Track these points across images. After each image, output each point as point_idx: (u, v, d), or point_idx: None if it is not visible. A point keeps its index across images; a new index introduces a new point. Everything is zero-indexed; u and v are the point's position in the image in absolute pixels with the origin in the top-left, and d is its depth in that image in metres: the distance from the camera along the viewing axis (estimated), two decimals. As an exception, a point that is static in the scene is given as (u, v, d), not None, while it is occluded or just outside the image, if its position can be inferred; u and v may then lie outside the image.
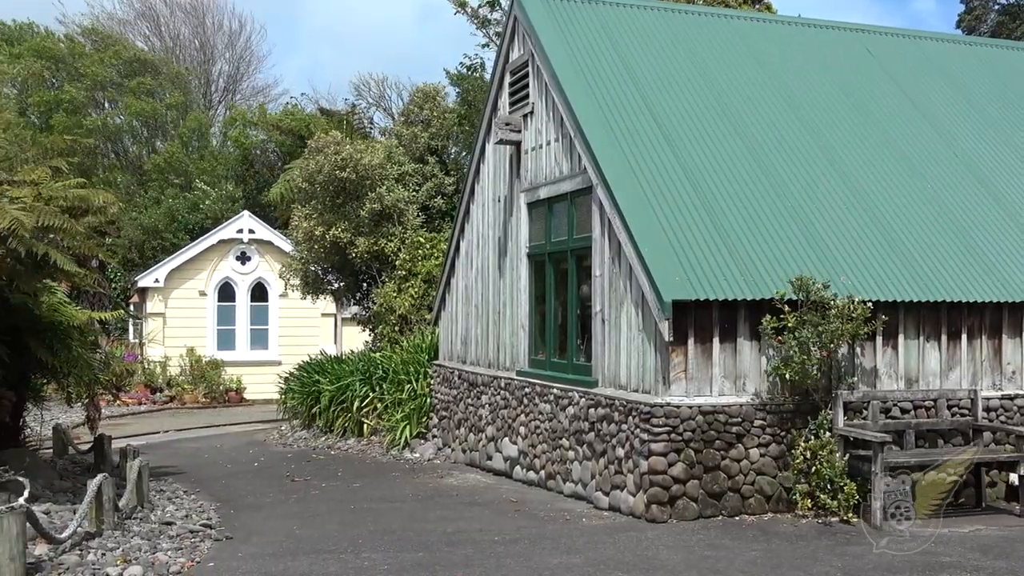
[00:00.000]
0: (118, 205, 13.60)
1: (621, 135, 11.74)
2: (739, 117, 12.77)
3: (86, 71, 37.98)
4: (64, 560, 8.25)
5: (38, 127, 35.51)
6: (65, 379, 12.05)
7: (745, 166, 11.98)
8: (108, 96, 40.56)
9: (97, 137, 37.01)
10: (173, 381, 26.16)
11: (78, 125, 35.08)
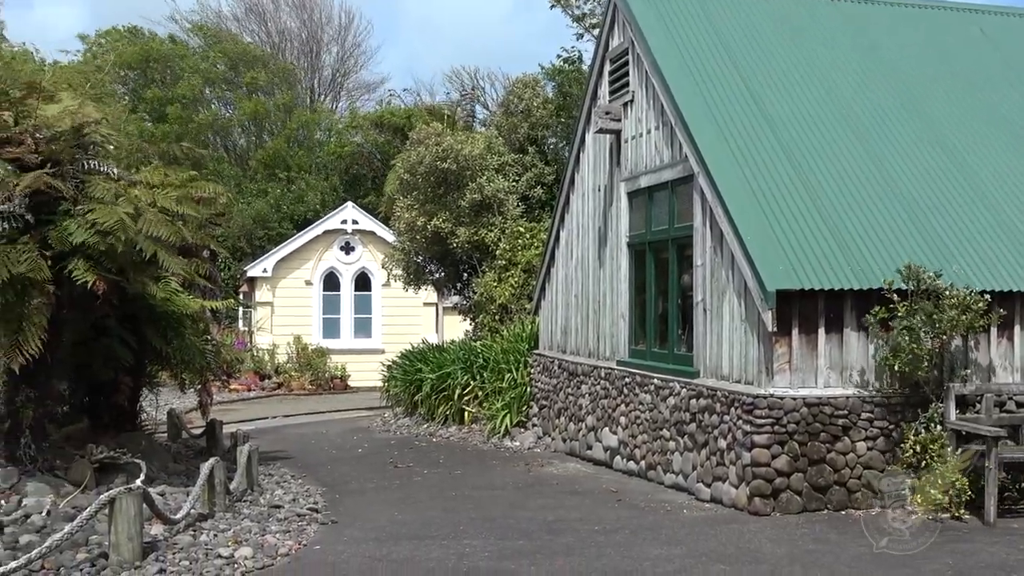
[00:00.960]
0: (227, 196, 14.03)
1: (723, 122, 11.59)
2: (845, 102, 12.47)
3: (194, 68, 39.12)
4: (178, 540, 8.56)
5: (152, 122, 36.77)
6: (178, 366, 12.46)
7: (852, 152, 11.69)
8: (216, 93, 41.71)
9: (205, 131, 38.13)
10: (281, 368, 26.82)
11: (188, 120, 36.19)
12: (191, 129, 36.68)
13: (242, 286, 29.02)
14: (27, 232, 9.26)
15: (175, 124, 36.23)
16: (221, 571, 7.88)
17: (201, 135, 37.51)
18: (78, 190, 9.62)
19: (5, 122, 9.63)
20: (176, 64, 39.85)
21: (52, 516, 8.79)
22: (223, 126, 40.77)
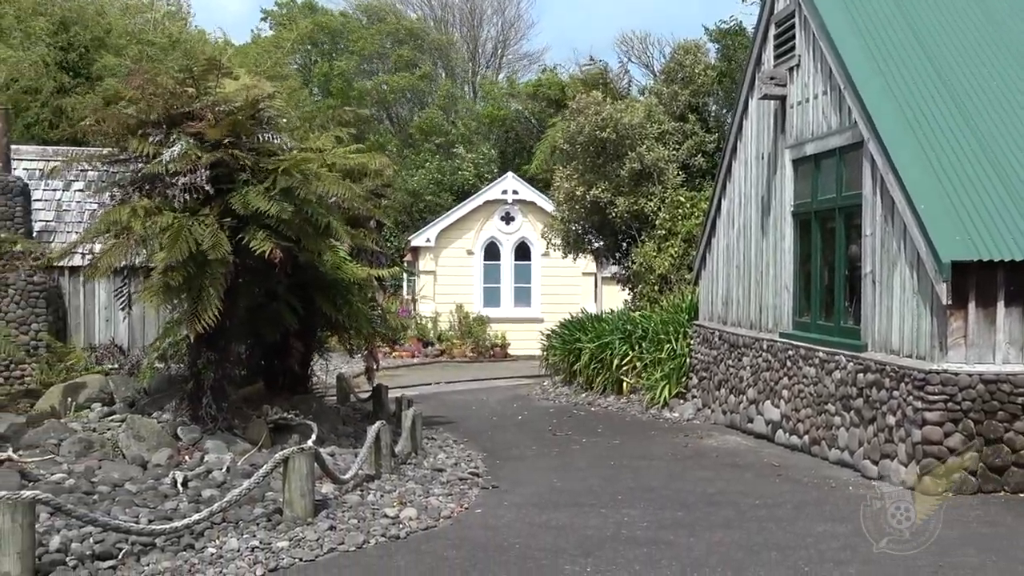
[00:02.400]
0: (392, 168, 14.40)
1: (896, 86, 11.09)
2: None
3: (356, 44, 40.15)
4: (347, 499, 8.91)
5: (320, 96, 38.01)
6: (346, 332, 12.94)
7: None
8: (378, 66, 42.73)
9: (368, 104, 39.19)
10: (443, 336, 27.42)
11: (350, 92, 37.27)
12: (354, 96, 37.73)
13: (406, 255, 29.75)
14: (208, 203, 9.76)
15: (339, 98, 37.34)
16: (387, 530, 8.17)
17: (363, 108, 38.56)
18: (256, 161, 10.07)
19: (189, 97, 10.15)
20: (343, 39, 40.99)
21: (231, 472, 9.30)
22: (383, 98, 41.72)
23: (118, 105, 10.45)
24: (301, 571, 7.20)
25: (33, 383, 14.62)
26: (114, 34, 29.86)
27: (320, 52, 41.16)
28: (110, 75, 25.76)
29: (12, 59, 26.46)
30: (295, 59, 41.73)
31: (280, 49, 36.78)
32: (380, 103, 41.76)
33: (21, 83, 26.61)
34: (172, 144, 9.76)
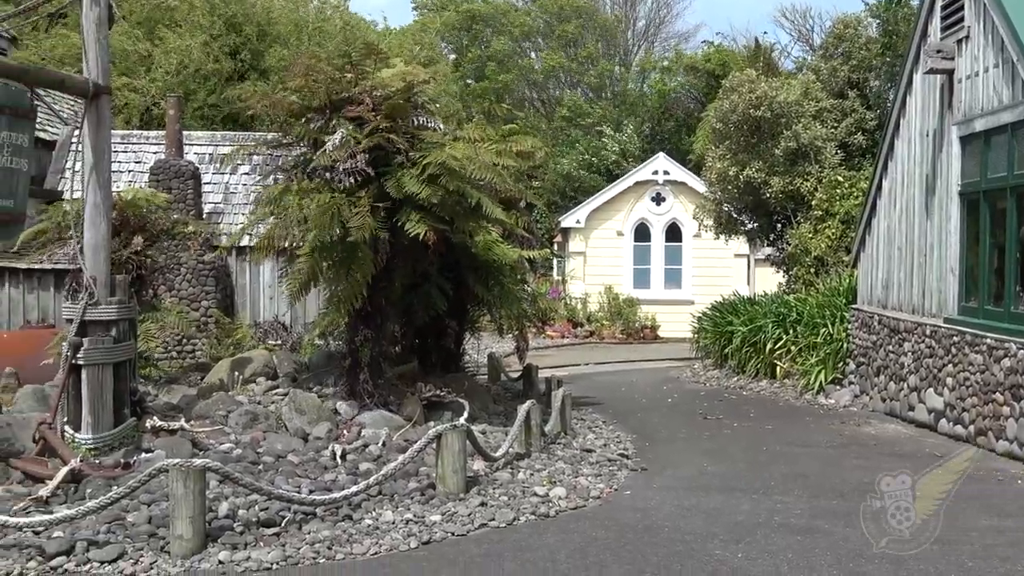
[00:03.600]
0: (543, 151, 14.46)
1: (1076, 57, 10.43)
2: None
3: (514, 23, 40.37)
4: (497, 477, 9.07)
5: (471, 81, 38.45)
6: (497, 312, 13.11)
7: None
8: (534, 46, 42.87)
9: (521, 86, 39.41)
10: (592, 317, 27.44)
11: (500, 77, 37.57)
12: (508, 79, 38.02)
13: (556, 237, 29.87)
14: (366, 185, 10.05)
15: (492, 81, 37.68)
16: (536, 508, 8.27)
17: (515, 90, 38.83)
18: (410, 144, 10.31)
19: (348, 83, 10.46)
20: (496, 21, 41.32)
21: (387, 447, 9.59)
22: (536, 80, 41.90)
23: (282, 92, 10.87)
24: (453, 545, 7.37)
25: (203, 357, 15.40)
26: (278, 24, 31.01)
27: (473, 36, 41.64)
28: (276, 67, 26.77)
29: (183, 45, 27.81)
30: (448, 43, 42.38)
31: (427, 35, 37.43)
32: (532, 84, 41.95)
33: (191, 69, 27.94)
34: (333, 130, 10.09)
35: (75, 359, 8.89)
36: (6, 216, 8.86)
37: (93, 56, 9.29)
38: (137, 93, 27.31)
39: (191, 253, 16.64)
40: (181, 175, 17.59)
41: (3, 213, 8.79)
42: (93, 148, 9.27)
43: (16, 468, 8.59)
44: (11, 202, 8.80)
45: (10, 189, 8.74)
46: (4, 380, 11.33)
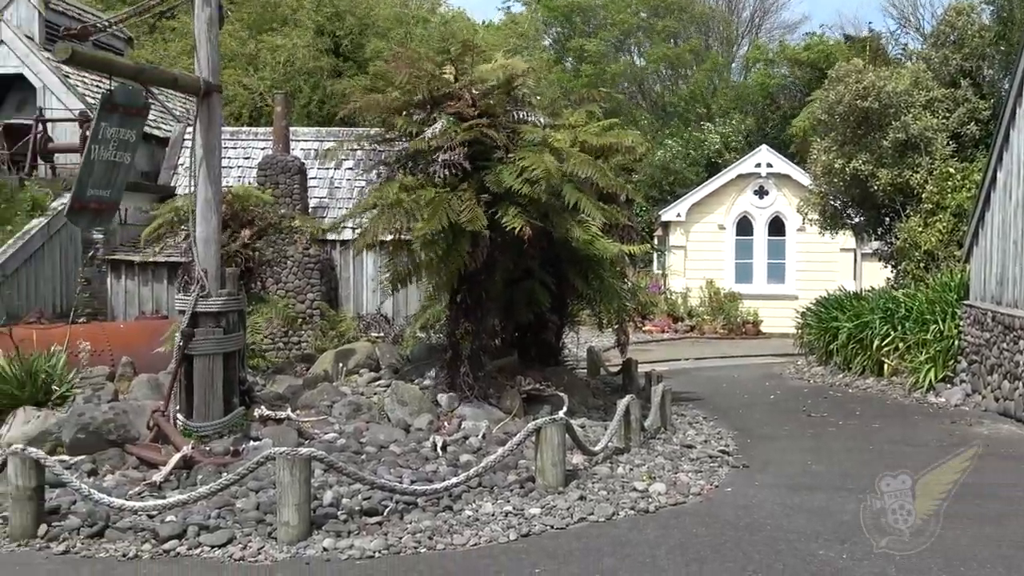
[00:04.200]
0: (644, 145, 14.36)
1: None
2: None
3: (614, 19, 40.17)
4: (596, 471, 9.06)
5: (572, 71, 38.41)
6: (597, 306, 13.08)
7: None
8: (636, 41, 42.57)
9: (621, 80, 39.20)
10: (693, 312, 27.15)
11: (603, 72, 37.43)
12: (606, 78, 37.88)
13: (656, 230, 29.64)
14: (466, 180, 10.13)
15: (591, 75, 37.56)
16: (636, 504, 8.24)
17: (616, 84, 38.63)
18: (509, 139, 10.35)
19: (447, 78, 10.55)
20: (596, 14, 41.16)
21: (486, 439, 9.67)
22: (637, 74, 41.61)
23: (383, 88, 11.03)
24: (552, 538, 7.39)
25: (309, 348, 15.76)
26: (379, 19, 31.47)
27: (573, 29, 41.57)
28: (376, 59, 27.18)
29: (288, 44, 28.44)
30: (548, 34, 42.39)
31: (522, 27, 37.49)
32: (633, 78, 41.67)
33: (296, 66, 28.57)
34: (433, 123, 10.20)
35: (187, 349, 9.18)
36: (101, 204, 9.27)
37: (204, 55, 9.57)
38: (246, 90, 28.05)
39: (297, 247, 17.02)
40: (288, 170, 18.01)
41: (98, 201, 9.19)
42: (204, 145, 9.56)
43: (132, 453, 8.93)
44: (107, 192, 9.20)
45: (109, 180, 9.14)
46: (121, 369, 11.77)
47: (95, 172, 8.98)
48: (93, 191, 9.03)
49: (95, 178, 8.99)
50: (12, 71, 20.71)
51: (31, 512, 7.40)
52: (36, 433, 9.22)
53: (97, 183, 9.02)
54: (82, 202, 9.00)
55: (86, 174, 8.92)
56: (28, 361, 10.31)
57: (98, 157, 8.96)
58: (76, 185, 8.97)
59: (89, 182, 8.95)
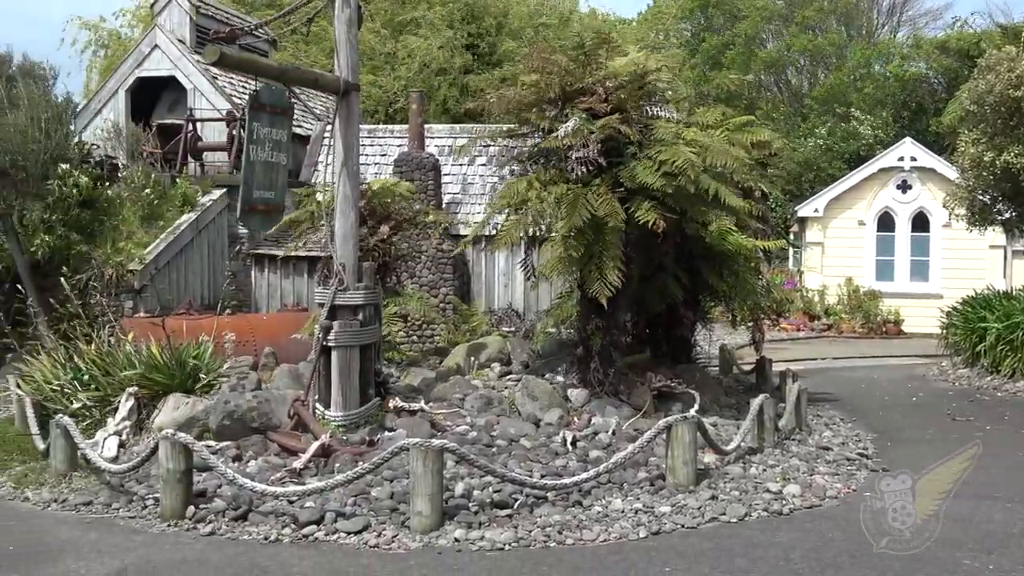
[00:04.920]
0: (780, 140, 14.05)
1: None
2: None
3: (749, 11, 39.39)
4: (728, 471, 8.93)
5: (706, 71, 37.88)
6: (730, 303, 12.88)
7: None
8: (774, 30, 41.66)
9: (759, 72, 38.40)
10: (830, 310, 26.41)
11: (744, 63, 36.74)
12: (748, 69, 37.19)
13: (792, 226, 28.94)
14: (599, 175, 10.12)
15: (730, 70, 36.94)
16: (769, 505, 8.09)
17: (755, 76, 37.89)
18: (643, 134, 10.28)
19: (581, 73, 10.55)
20: (732, 6, 40.46)
21: (616, 436, 9.65)
22: (775, 61, 40.64)
23: (516, 84, 11.11)
24: (682, 537, 7.33)
25: (441, 342, 16.01)
26: (512, 17, 31.68)
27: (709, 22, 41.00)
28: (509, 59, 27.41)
29: (424, 45, 28.94)
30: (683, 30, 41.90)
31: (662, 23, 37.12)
32: (770, 68, 40.77)
33: (432, 67, 29.04)
34: (566, 119, 10.22)
35: (325, 341, 9.47)
36: (267, 206, 9.63)
37: (344, 55, 9.85)
38: (381, 89, 28.67)
39: (432, 242, 17.31)
40: (422, 167, 18.34)
41: (264, 203, 9.55)
42: (343, 142, 9.83)
43: (273, 441, 9.27)
44: (272, 194, 9.55)
45: (271, 182, 9.48)
46: (264, 359, 12.20)
47: (257, 173, 9.33)
48: (258, 192, 9.39)
49: (258, 179, 9.36)
50: (165, 73, 21.70)
51: (180, 494, 7.77)
52: (185, 419, 9.66)
53: (260, 184, 9.39)
54: (251, 204, 9.38)
55: (249, 176, 9.28)
56: (178, 350, 10.80)
57: (257, 158, 9.31)
58: (242, 188, 9.32)
59: (253, 184, 9.32)
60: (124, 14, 34.49)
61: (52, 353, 11.48)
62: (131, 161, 20.11)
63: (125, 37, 33.38)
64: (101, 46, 34.61)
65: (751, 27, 37.98)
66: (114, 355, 10.86)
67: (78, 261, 16.26)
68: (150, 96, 22.46)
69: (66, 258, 16.19)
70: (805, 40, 38.50)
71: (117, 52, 31.80)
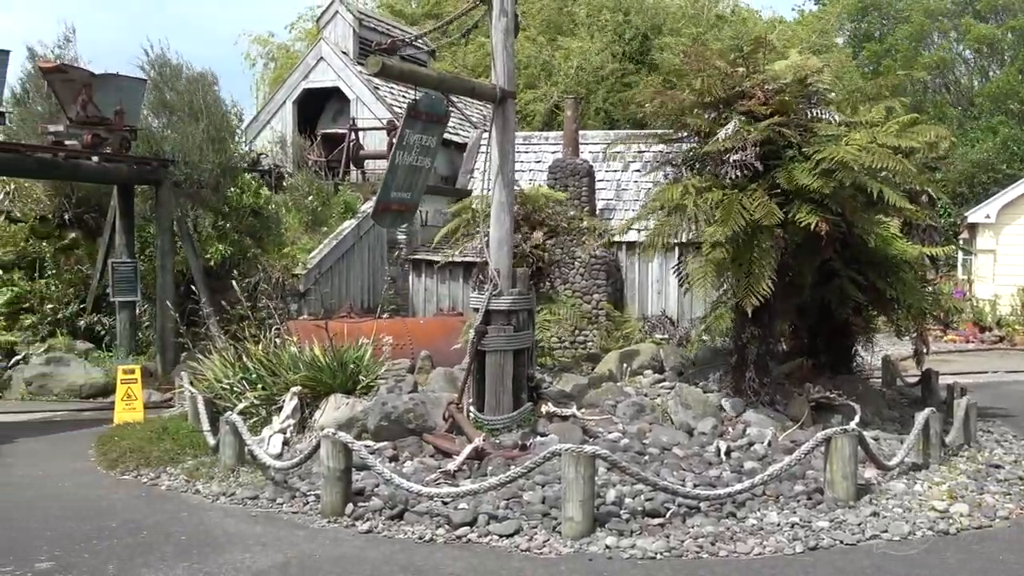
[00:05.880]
0: (949, 140, 13.43)
1: None
2: None
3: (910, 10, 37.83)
4: (891, 486, 8.60)
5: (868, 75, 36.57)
6: (894, 312, 12.37)
7: None
8: (941, 27, 39.88)
9: (923, 74, 36.80)
10: (1003, 321, 25.07)
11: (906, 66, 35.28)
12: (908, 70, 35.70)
13: (962, 232, 27.63)
14: (755, 180, 9.92)
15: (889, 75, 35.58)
16: (934, 524, 7.75)
17: (919, 79, 36.34)
18: (802, 137, 10.03)
19: (740, 77, 10.38)
20: (891, 8, 38.97)
21: (772, 447, 9.44)
22: (941, 62, 38.85)
23: (675, 88, 11.02)
24: (841, 554, 7.11)
25: (594, 348, 16.02)
26: (670, 19, 31.41)
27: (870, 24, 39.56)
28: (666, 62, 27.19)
29: (581, 50, 29.02)
30: (844, 30, 40.58)
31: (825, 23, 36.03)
32: (934, 70, 39.03)
33: (588, 71, 29.10)
34: (724, 123, 10.07)
35: (479, 345, 9.63)
36: (403, 207, 9.95)
37: (500, 63, 9.99)
38: (537, 95, 28.90)
39: (585, 248, 17.35)
40: (577, 173, 18.42)
41: (400, 203, 9.86)
42: (499, 149, 9.97)
43: (428, 442, 9.48)
44: (409, 195, 9.88)
45: (411, 184, 9.79)
46: (420, 362, 12.50)
47: (398, 176, 9.65)
48: (396, 193, 9.72)
49: (398, 181, 9.67)
50: (330, 85, 22.53)
51: (340, 492, 8.03)
52: (345, 419, 9.99)
53: (400, 186, 9.70)
54: (386, 203, 9.71)
55: (391, 178, 9.61)
56: (339, 352, 11.17)
57: (401, 162, 9.62)
58: (381, 188, 9.66)
59: (393, 185, 9.64)
60: (293, 28, 35.97)
61: (223, 353, 12.04)
62: (296, 169, 20.95)
63: (293, 51, 34.77)
64: (270, 59, 36.18)
65: (915, 30, 36.34)
66: (280, 356, 11.31)
67: (247, 265, 17.05)
68: (315, 106, 23.36)
69: (237, 262, 17.01)
70: (984, 30, 36.49)
71: (284, 65, 33.16)
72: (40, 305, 17.05)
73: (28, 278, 17.27)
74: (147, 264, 17.08)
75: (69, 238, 17.93)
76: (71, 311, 17.15)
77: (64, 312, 17.08)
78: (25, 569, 6.87)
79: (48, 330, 16.78)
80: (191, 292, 16.09)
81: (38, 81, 17.26)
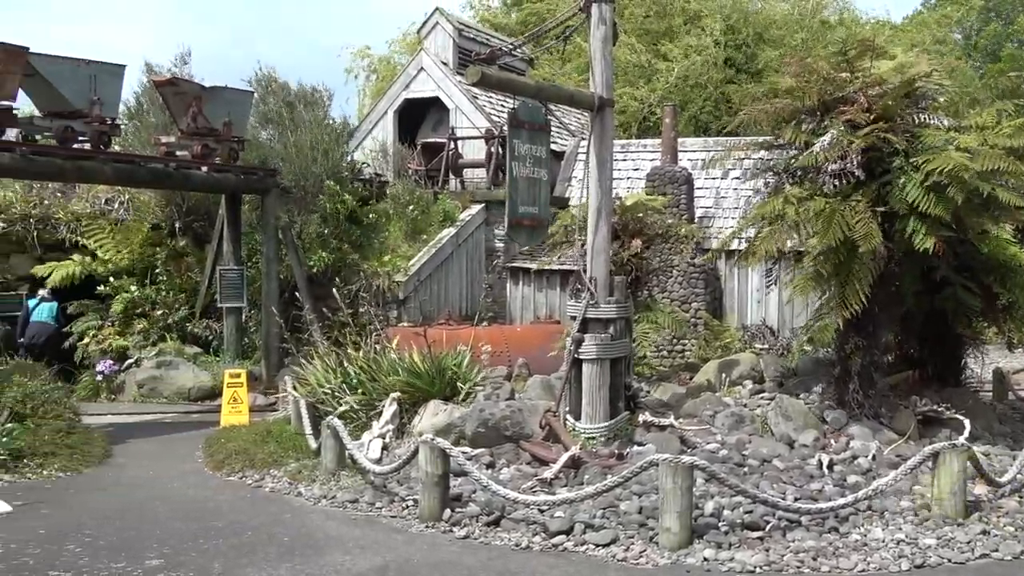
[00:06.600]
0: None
1: None
2: None
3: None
4: (1002, 504, 8.30)
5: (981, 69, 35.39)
6: (1005, 323, 11.92)
7: None
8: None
9: (1044, 69, 35.41)
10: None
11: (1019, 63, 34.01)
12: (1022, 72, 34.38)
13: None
14: (858, 189, 9.67)
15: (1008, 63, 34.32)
16: (1053, 544, 7.46)
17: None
18: (909, 143, 9.74)
19: (842, 82, 10.14)
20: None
21: (876, 461, 9.20)
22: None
23: (774, 94, 10.82)
24: (949, 572, 6.90)
25: (692, 357, 15.85)
26: (774, 26, 30.91)
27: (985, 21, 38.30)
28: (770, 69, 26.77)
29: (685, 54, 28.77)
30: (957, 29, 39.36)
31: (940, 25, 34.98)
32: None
33: (690, 80, 28.85)
34: (824, 131, 9.86)
35: (576, 353, 9.62)
36: (533, 221, 9.96)
37: (599, 72, 9.99)
38: (636, 101, 28.76)
39: (683, 256, 17.19)
40: (675, 181, 18.26)
41: (530, 218, 9.89)
42: (597, 157, 9.97)
43: (525, 450, 9.51)
44: (536, 208, 9.89)
45: (534, 197, 9.82)
46: (517, 369, 12.56)
47: (520, 189, 9.72)
48: (524, 208, 9.79)
49: (521, 195, 9.74)
50: (430, 95, 22.81)
51: (437, 497, 8.12)
52: (443, 425, 10.10)
53: (524, 200, 9.77)
54: (517, 218, 9.79)
55: (514, 192, 9.68)
56: (438, 359, 11.30)
57: (520, 174, 9.68)
58: (508, 203, 9.74)
59: (518, 199, 9.71)
60: (393, 43, 36.56)
61: (325, 358, 12.30)
62: (397, 178, 21.27)
63: (394, 63, 35.32)
64: (372, 71, 36.81)
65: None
66: (380, 362, 11.50)
67: (349, 273, 17.38)
68: (415, 116, 23.68)
69: (338, 270, 17.36)
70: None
71: (385, 77, 33.69)
72: (151, 310, 17.67)
73: (140, 284, 17.91)
74: (253, 271, 17.55)
75: (179, 246, 18.56)
76: (180, 316, 17.73)
77: (174, 317, 17.66)
78: (136, 566, 7.12)
79: (159, 335, 17.37)
80: (295, 299, 16.47)
81: (152, 94, 17.92)
